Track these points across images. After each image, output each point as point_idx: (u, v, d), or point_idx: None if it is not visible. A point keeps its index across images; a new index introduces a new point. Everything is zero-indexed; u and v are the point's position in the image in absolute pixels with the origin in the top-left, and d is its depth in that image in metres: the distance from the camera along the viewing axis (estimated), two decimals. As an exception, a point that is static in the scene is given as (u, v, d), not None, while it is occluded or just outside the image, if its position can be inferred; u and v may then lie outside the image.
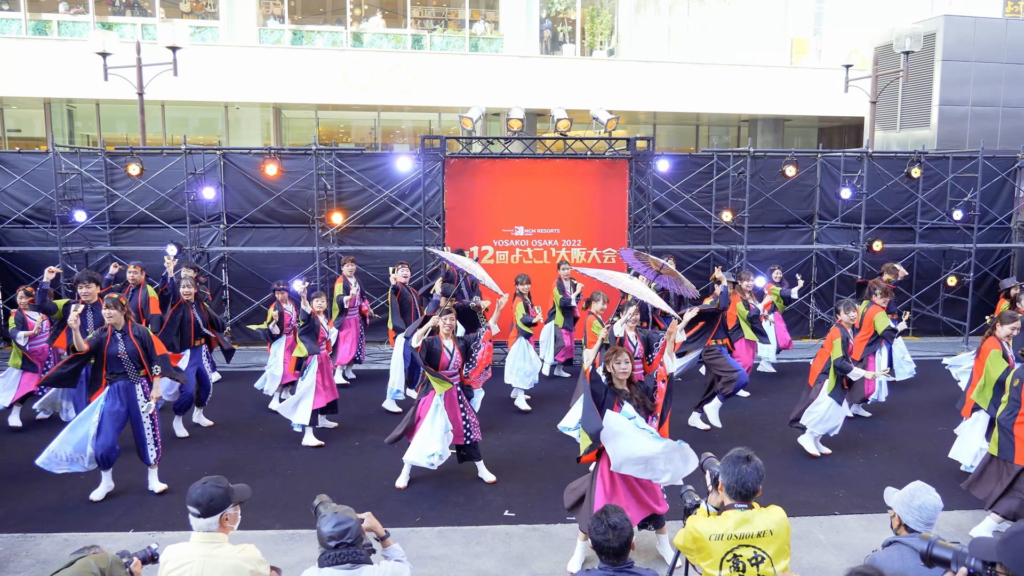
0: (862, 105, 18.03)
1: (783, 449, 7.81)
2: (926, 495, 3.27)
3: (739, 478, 3.38)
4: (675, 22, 21.49)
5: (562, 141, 11.36)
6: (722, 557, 3.33)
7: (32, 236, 11.82)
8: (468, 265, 7.25)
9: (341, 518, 3.18)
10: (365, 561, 3.20)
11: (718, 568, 3.33)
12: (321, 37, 19.72)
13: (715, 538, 3.33)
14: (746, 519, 3.35)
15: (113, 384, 6.50)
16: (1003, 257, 13.29)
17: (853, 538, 5.91)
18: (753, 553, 3.33)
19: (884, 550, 3.22)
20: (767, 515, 3.41)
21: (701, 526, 3.38)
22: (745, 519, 3.35)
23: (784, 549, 3.38)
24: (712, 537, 3.33)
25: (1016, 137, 15.82)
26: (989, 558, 2.53)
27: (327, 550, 3.16)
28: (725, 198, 12.53)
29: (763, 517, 3.39)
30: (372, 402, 9.30)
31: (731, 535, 3.33)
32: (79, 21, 18.48)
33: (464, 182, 11.21)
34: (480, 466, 6.98)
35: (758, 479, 3.39)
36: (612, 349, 5.39)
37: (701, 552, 3.37)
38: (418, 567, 5.33)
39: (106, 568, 3.20)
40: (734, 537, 3.33)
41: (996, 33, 16.32)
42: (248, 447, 7.89)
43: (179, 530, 5.74)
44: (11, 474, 7.05)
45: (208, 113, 20.84)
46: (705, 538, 3.34)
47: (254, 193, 11.90)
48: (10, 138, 20.04)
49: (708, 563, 3.35)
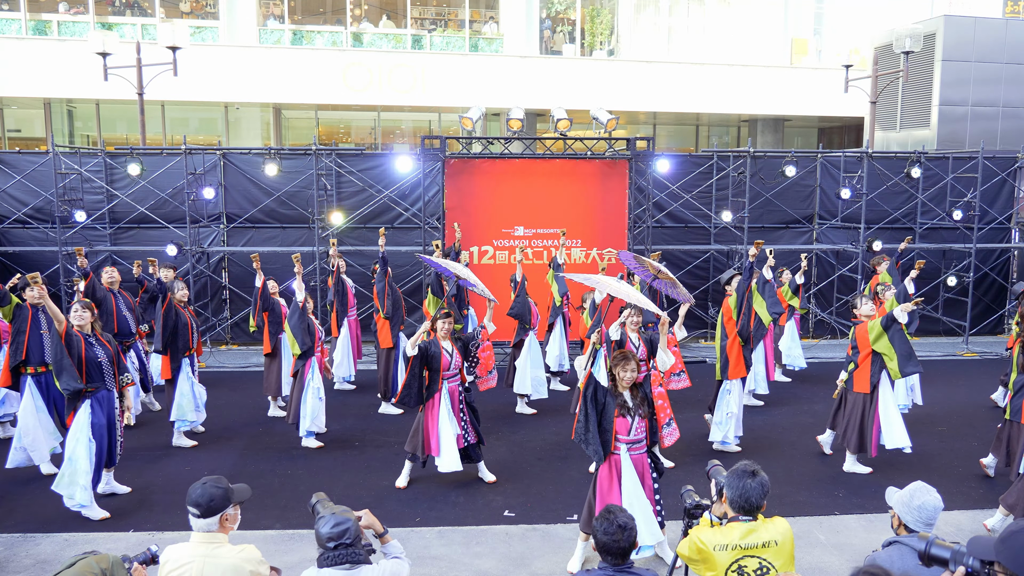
0: (862, 105, 18.04)
1: (783, 450, 7.82)
2: (926, 495, 3.27)
3: (743, 492, 3.33)
4: (675, 22, 21.48)
5: (562, 141, 11.36)
6: (727, 568, 3.28)
7: (32, 236, 11.82)
8: (459, 271, 7.06)
9: (339, 518, 3.18)
10: (364, 561, 3.20)
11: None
12: (321, 37, 19.72)
13: (719, 548, 3.29)
14: (751, 530, 3.32)
15: (93, 396, 6.19)
16: (1003, 257, 13.29)
17: (853, 538, 5.91)
18: (759, 564, 3.29)
19: (884, 550, 3.22)
20: (772, 526, 3.37)
21: (705, 536, 3.34)
22: (750, 530, 3.32)
23: (789, 561, 3.34)
24: (716, 547, 3.29)
25: (1016, 137, 15.82)
26: (987, 557, 2.54)
27: (326, 551, 3.15)
28: (725, 198, 12.53)
29: (768, 528, 3.35)
30: (372, 403, 9.30)
31: (736, 545, 3.29)
32: (79, 21, 18.47)
33: (464, 182, 11.21)
34: (481, 466, 6.98)
35: (762, 495, 3.34)
36: (620, 354, 5.31)
37: (706, 563, 3.33)
38: (418, 567, 5.33)
39: (107, 568, 3.20)
40: (739, 547, 3.29)
41: (996, 33, 16.32)
42: (248, 447, 7.89)
43: (179, 530, 5.74)
44: (11, 474, 7.05)
45: (208, 113, 20.84)
46: (709, 549, 3.29)
47: (254, 193, 11.90)
48: (10, 138, 20.04)
49: (712, 574, 3.32)
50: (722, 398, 7.56)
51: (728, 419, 7.54)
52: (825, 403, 9.04)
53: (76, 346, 6.11)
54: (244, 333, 11.58)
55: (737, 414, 7.55)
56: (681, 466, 7.27)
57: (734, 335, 7.53)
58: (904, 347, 6.88)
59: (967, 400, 9.51)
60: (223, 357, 11.45)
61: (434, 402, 6.70)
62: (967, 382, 10.34)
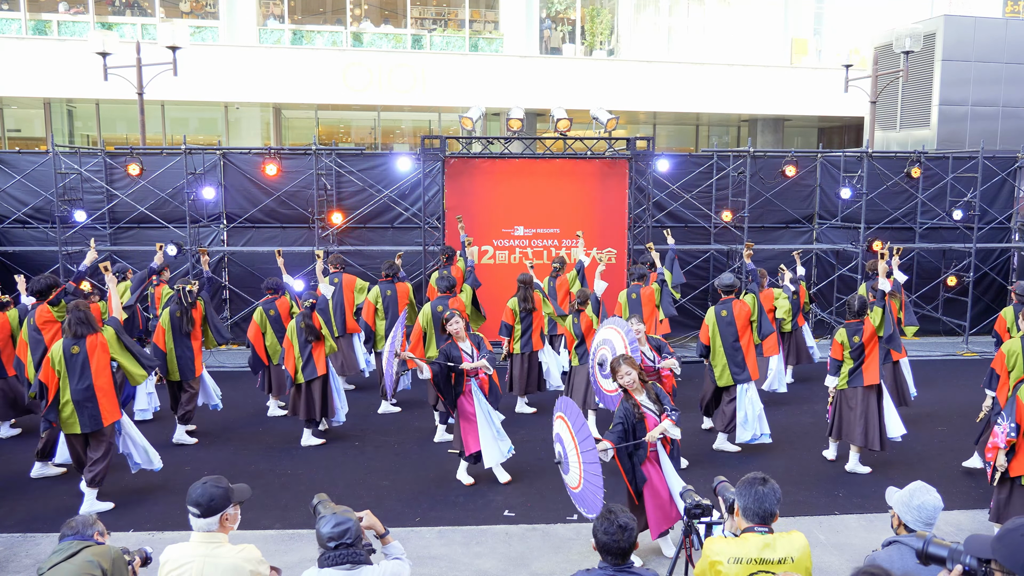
0: (862, 105, 18.04)
1: (783, 450, 7.82)
2: (925, 495, 3.26)
3: (757, 499, 3.22)
4: (675, 22, 21.48)
5: (562, 141, 11.36)
6: None
7: (32, 236, 11.82)
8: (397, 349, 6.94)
9: (340, 518, 3.18)
10: (365, 561, 3.20)
11: None
12: (321, 37, 19.72)
13: (733, 561, 3.14)
14: (767, 544, 3.17)
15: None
16: (1003, 257, 13.28)
17: (853, 538, 5.91)
18: None
19: (884, 550, 3.22)
20: (788, 541, 3.23)
21: (718, 548, 3.21)
22: (766, 544, 3.17)
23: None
24: (729, 560, 3.14)
25: (1016, 137, 15.82)
26: (984, 555, 2.54)
27: (327, 551, 3.16)
28: (725, 198, 12.52)
29: (784, 543, 3.21)
30: (372, 403, 9.30)
31: (751, 559, 3.15)
32: (79, 21, 18.47)
33: (464, 182, 11.21)
34: (498, 466, 6.93)
35: (776, 501, 3.23)
36: (612, 366, 5.50)
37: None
38: (418, 567, 5.33)
39: (108, 568, 3.20)
40: (754, 561, 3.14)
41: (996, 33, 16.31)
42: (248, 447, 7.89)
43: (179, 530, 5.74)
44: (11, 474, 7.05)
45: (208, 113, 20.84)
46: (723, 562, 3.15)
47: (254, 193, 11.90)
48: (10, 138, 20.04)
49: None
50: (742, 398, 7.53)
51: (756, 417, 7.52)
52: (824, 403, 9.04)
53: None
54: (244, 332, 11.57)
55: (757, 410, 7.58)
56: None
57: (749, 339, 7.60)
58: (891, 326, 7.25)
59: (967, 400, 9.49)
60: (223, 357, 11.44)
61: (465, 401, 6.73)
62: (967, 382, 10.33)
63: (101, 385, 6.24)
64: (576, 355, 8.21)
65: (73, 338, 6.19)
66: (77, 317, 6.21)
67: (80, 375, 6.16)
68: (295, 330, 7.74)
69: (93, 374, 6.19)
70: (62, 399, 6.18)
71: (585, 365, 7.99)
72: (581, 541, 5.80)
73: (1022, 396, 5.34)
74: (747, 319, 7.58)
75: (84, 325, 6.21)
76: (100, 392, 6.23)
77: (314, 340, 7.67)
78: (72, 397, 6.17)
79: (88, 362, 6.19)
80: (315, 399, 7.74)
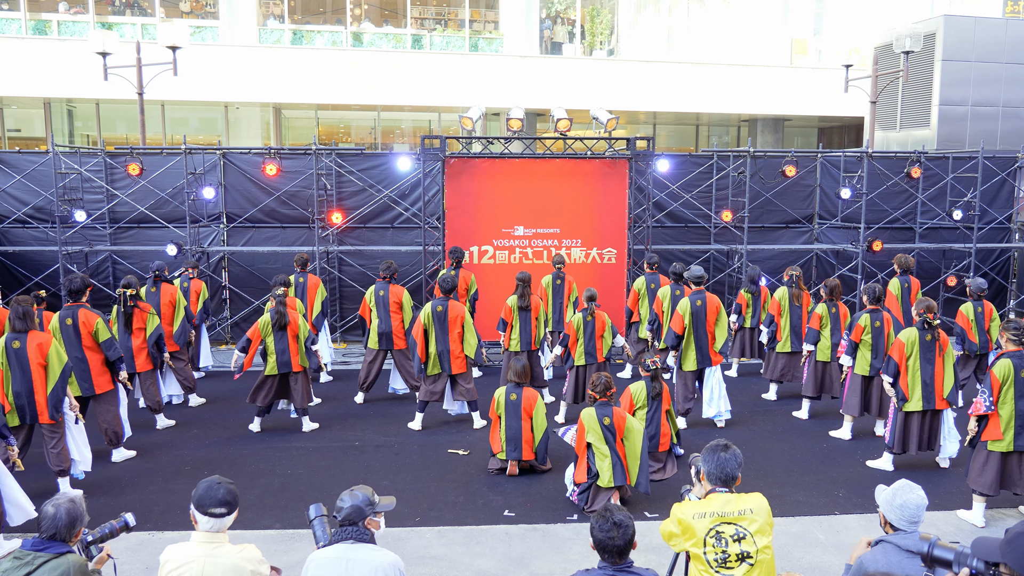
0: (862, 105, 18.04)
1: (783, 449, 7.82)
2: (908, 494, 3.23)
3: (719, 464, 3.57)
4: (675, 22, 21.49)
5: (562, 141, 11.35)
6: (705, 534, 3.48)
7: (32, 236, 11.82)
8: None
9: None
10: (369, 540, 3.35)
11: (702, 546, 3.48)
12: (321, 37, 19.72)
13: (697, 517, 3.51)
14: (728, 500, 3.54)
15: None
16: (1003, 257, 13.28)
17: (853, 538, 5.90)
18: (735, 530, 3.49)
19: (871, 550, 3.21)
20: (748, 498, 3.59)
21: (684, 509, 3.58)
22: (727, 500, 3.54)
23: (765, 529, 3.53)
24: (695, 516, 3.52)
25: (1016, 137, 15.82)
26: (992, 559, 2.51)
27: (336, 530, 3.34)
28: (725, 198, 12.53)
29: (744, 499, 3.57)
30: (372, 402, 9.30)
31: (713, 513, 3.51)
32: (79, 21, 18.48)
33: (464, 182, 11.21)
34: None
35: (737, 465, 3.58)
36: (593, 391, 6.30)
37: (685, 534, 3.53)
38: (418, 567, 5.33)
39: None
40: (716, 515, 3.50)
41: (996, 33, 16.32)
42: (248, 447, 7.89)
43: (179, 530, 5.74)
44: (11, 474, 7.04)
45: (208, 113, 20.84)
46: (688, 519, 3.52)
47: (254, 193, 11.90)
48: (10, 138, 20.05)
49: (692, 542, 3.50)
50: (709, 379, 8.35)
51: (720, 397, 8.36)
52: (825, 403, 9.05)
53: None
54: (244, 333, 11.56)
55: (723, 391, 8.41)
56: (679, 467, 7.26)
57: (714, 328, 8.40)
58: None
59: (965, 397, 9.49)
60: (223, 357, 11.43)
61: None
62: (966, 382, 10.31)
63: (38, 381, 6.38)
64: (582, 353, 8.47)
65: (13, 332, 6.34)
66: (17, 312, 6.36)
67: (20, 370, 6.33)
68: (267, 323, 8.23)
69: (31, 371, 6.33)
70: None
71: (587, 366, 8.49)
72: (581, 541, 5.80)
73: (996, 373, 5.91)
74: (716, 309, 8.28)
75: (23, 320, 6.35)
76: (37, 389, 6.38)
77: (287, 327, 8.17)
78: (12, 389, 6.33)
79: (27, 358, 6.33)
80: (299, 389, 8.25)
